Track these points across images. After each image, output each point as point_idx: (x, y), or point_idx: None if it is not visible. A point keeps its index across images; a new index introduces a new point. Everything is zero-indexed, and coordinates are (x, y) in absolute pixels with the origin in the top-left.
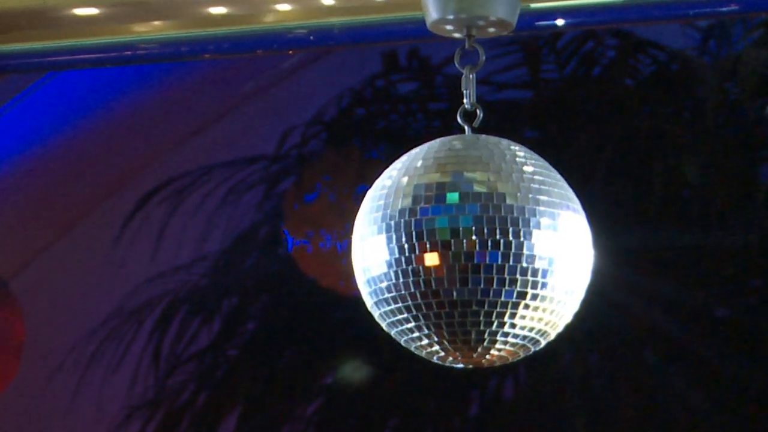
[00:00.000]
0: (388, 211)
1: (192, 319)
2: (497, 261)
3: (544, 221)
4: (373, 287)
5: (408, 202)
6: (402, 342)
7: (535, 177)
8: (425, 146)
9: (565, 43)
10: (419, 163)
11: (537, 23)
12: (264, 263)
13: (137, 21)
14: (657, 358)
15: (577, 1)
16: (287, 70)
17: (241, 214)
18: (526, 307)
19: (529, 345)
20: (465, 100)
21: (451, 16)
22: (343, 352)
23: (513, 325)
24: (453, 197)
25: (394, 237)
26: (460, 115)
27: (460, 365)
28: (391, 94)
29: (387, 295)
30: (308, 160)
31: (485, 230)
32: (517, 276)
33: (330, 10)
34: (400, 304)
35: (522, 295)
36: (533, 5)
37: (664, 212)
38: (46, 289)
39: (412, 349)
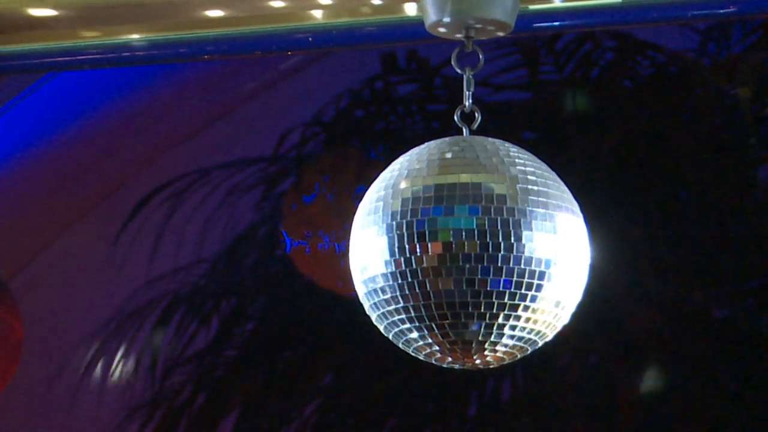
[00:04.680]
0: (387, 212)
1: (191, 320)
2: (495, 262)
3: (542, 223)
4: (371, 288)
5: (406, 203)
6: (400, 344)
7: (533, 178)
8: (424, 147)
9: (563, 44)
10: (418, 165)
11: (535, 25)
12: (263, 264)
13: (135, 22)
14: (656, 359)
15: (575, 2)
16: (286, 72)
17: (240, 215)
18: (524, 308)
19: (526, 346)
20: (468, 102)
21: (449, 18)
22: (342, 353)
23: (511, 327)
24: (451, 199)
25: (391, 238)
26: (458, 117)
27: (458, 366)
28: (390, 96)
29: (384, 296)
30: (307, 161)
31: (483, 232)
32: (515, 277)
33: (329, 11)
34: (397, 305)
35: (520, 297)
36: (531, 7)
37: (662, 213)
38: (45, 290)
39: (410, 350)
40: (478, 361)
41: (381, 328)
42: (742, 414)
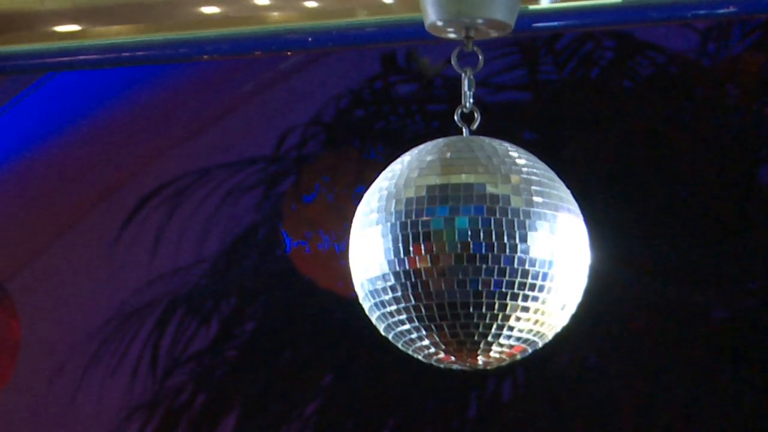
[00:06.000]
0: (386, 212)
1: (191, 320)
2: (495, 263)
3: (542, 223)
4: (372, 288)
5: (406, 203)
6: (400, 345)
7: (533, 179)
8: (423, 147)
9: (563, 44)
10: (417, 165)
11: (535, 25)
12: (263, 264)
13: (135, 22)
14: (655, 360)
15: (575, 2)
16: (286, 72)
17: (240, 216)
18: (524, 309)
19: (526, 346)
20: (470, 101)
21: (449, 18)
22: (342, 353)
23: (510, 327)
24: (452, 199)
25: (391, 238)
26: (458, 117)
27: (458, 367)
28: (389, 96)
29: (384, 296)
30: (307, 161)
31: (483, 232)
32: (515, 278)
33: (328, 12)
34: (397, 306)
35: (519, 297)
36: (532, 7)
37: (662, 214)
38: (45, 290)
39: (410, 351)
40: (480, 362)
41: (381, 328)
42: (743, 415)
